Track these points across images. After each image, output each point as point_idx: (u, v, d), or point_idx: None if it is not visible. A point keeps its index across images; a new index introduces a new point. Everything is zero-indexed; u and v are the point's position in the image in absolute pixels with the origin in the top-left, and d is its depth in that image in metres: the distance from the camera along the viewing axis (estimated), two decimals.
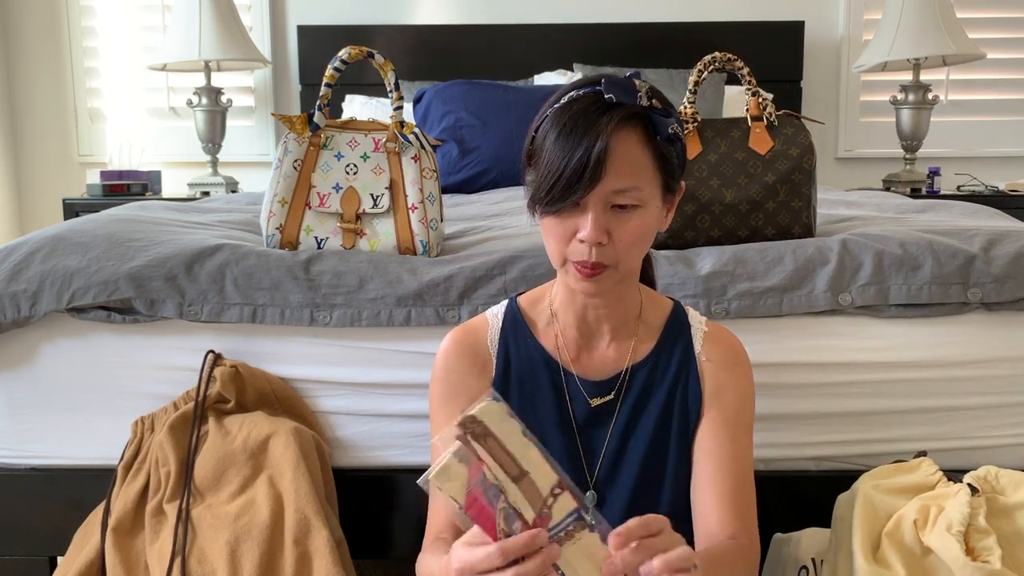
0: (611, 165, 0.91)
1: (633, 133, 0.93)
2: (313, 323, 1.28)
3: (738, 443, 1.03)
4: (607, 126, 0.91)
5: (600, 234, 0.93)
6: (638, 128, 0.94)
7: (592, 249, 0.93)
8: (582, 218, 0.93)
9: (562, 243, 0.96)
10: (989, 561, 1.01)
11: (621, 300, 1.04)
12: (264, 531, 1.14)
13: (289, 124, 1.42)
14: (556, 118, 0.95)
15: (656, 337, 1.07)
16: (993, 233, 1.37)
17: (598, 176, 0.91)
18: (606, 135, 0.91)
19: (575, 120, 0.93)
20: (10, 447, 1.34)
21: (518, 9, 3.33)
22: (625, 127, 0.93)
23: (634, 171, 0.93)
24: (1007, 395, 1.31)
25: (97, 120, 3.42)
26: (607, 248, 0.94)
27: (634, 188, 0.93)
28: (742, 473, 1.02)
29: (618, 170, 0.92)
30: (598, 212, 0.93)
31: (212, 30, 2.96)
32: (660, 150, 0.95)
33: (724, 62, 1.48)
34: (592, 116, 0.92)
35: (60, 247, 1.34)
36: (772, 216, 1.45)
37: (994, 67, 3.28)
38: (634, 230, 0.95)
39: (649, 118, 0.94)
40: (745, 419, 1.05)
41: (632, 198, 0.94)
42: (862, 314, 1.30)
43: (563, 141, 0.92)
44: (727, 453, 1.02)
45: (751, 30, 3.22)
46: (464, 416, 0.72)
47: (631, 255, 0.97)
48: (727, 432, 1.03)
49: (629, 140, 0.93)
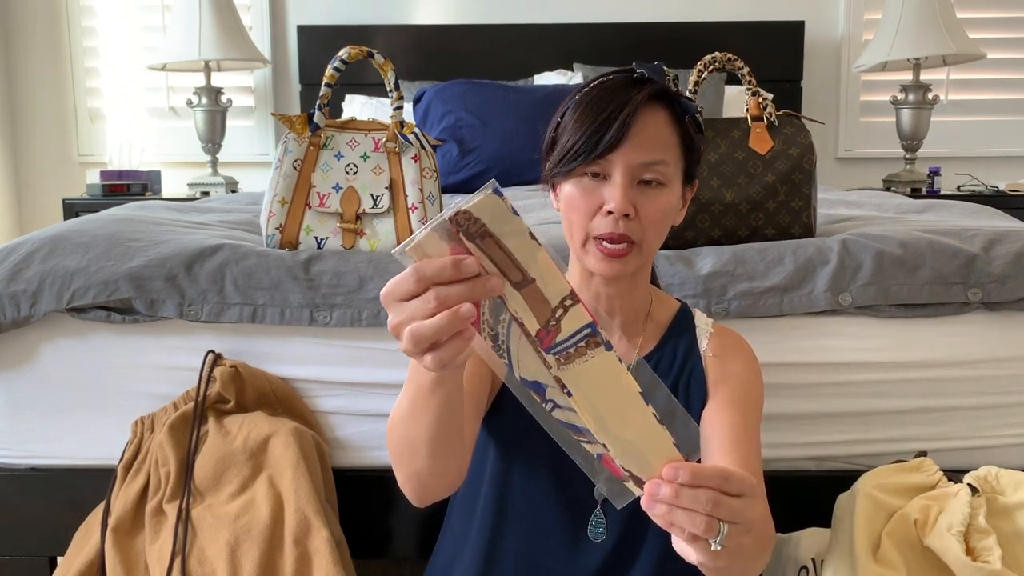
0: (638, 134, 0.93)
1: (661, 111, 0.96)
2: (313, 323, 1.28)
3: (748, 418, 1.00)
4: (636, 96, 0.94)
5: (628, 205, 0.94)
6: (666, 107, 0.97)
7: (619, 221, 0.94)
8: (609, 191, 0.94)
9: (586, 218, 0.96)
10: (989, 561, 1.01)
11: (633, 292, 1.04)
12: (264, 531, 1.14)
13: (289, 124, 1.42)
14: (584, 96, 0.97)
15: (661, 334, 1.07)
16: (993, 233, 1.37)
17: (623, 135, 0.92)
18: (635, 103, 0.93)
19: (605, 92, 0.96)
20: (10, 447, 1.34)
21: (518, 9, 3.33)
22: (654, 103, 0.95)
23: (661, 146, 0.95)
24: (1007, 395, 1.30)
25: (97, 120, 3.42)
26: (633, 222, 0.95)
27: (660, 162, 0.95)
28: (753, 446, 0.99)
29: (645, 142, 0.94)
30: (626, 182, 0.94)
31: (212, 30, 2.96)
32: (686, 132, 0.98)
33: (724, 62, 1.48)
34: (622, 89, 0.95)
35: (60, 247, 1.34)
36: (772, 216, 1.45)
37: (994, 67, 3.28)
38: (660, 207, 0.96)
39: (677, 99, 0.97)
40: (755, 399, 1.03)
41: (658, 173, 0.95)
42: (862, 314, 1.29)
43: (592, 109, 0.95)
44: (738, 425, 0.99)
45: (751, 30, 3.22)
46: (457, 211, 0.58)
47: (655, 235, 0.98)
48: (736, 408, 1.01)
49: (657, 116, 0.96)
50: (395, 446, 0.88)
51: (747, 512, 0.63)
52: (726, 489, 0.62)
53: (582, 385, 0.62)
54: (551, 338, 0.61)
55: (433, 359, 0.61)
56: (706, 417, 1.02)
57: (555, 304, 0.61)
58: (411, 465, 0.87)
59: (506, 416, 1.03)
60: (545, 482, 1.02)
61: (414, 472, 0.87)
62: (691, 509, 0.62)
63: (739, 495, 0.63)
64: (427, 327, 0.59)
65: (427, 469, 0.86)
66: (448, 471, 0.88)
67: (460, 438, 0.85)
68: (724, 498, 0.62)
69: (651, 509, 0.63)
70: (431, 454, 0.84)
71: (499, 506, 1.04)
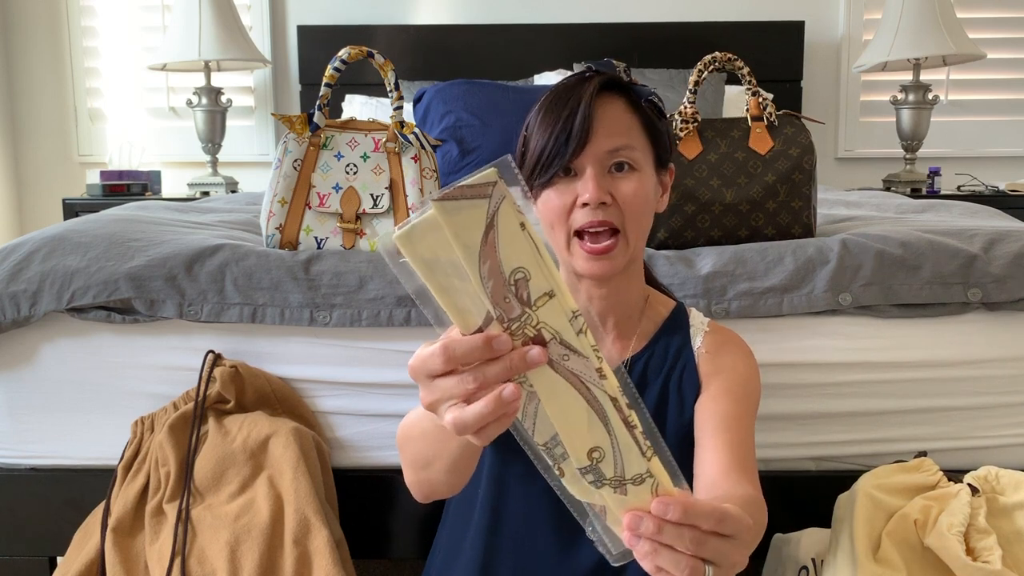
0: (600, 126, 0.95)
1: (618, 99, 0.98)
2: (313, 323, 1.28)
3: (741, 407, 0.98)
4: (588, 90, 0.96)
5: (602, 192, 0.95)
6: (621, 96, 0.99)
7: (597, 210, 0.95)
8: (581, 184, 0.96)
9: (564, 216, 0.97)
10: (989, 561, 1.01)
11: (625, 292, 1.04)
12: (264, 531, 1.14)
13: (289, 124, 1.42)
14: (542, 104, 0.99)
15: (654, 333, 1.07)
16: (993, 233, 1.37)
17: (587, 133, 0.94)
18: (589, 96, 0.95)
19: (559, 94, 0.98)
20: (10, 447, 1.34)
21: (518, 9, 3.33)
22: (608, 94, 0.98)
23: (623, 131, 0.97)
24: (1007, 395, 1.30)
25: (97, 120, 3.42)
26: (612, 208, 0.96)
27: (626, 147, 0.97)
28: (744, 434, 0.96)
29: (607, 130, 0.96)
30: (597, 172, 0.96)
31: (212, 30, 2.96)
32: (647, 117, 1.00)
33: (724, 62, 1.48)
34: (575, 87, 0.97)
35: (60, 247, 1.34)
36: (772, 216, 1.45)
37: (994, 67, 3.28)
38: (635, 190, 0.97)
39: (630, 86, 1.00)
40: (750, 392, 1.02)
41: (626, 156, 0.97)
42: (862, 314, 1.29)
43: (550, 113, 0.97)
44: (730, 414, 0.97)
45: (751, 30, 3.22)
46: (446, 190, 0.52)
47: (635, 222, 0.98)
48: (730, 397, 0.99)
49: (614, 104, 0.98)
50: (408, 456, 0.88)
51: (734, 555, 0.57)
52: (720, 530, 0.56)
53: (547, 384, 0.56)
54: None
55: (477, 439, 0.58)
56: (698, 406, 1.01)
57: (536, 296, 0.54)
58: (423, 474, 0.88)
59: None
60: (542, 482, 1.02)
61: (425, 479, 0.88)
62: (671, 547, 0.56)
63: (731, 536, 0.57)
64: (470, 416, 0.55)
65: (441, 481, 0.87)
66: (461, 481, 0.89)
67: (478, 458, 0.86)
68: (710, 538, 0.56)
69: (633, 546, 0.57)
70: (448, 472, 0.85)
71: (496, 505, 1.04)
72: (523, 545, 1.04)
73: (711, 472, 0.91)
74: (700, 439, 0.98)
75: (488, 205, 0.53)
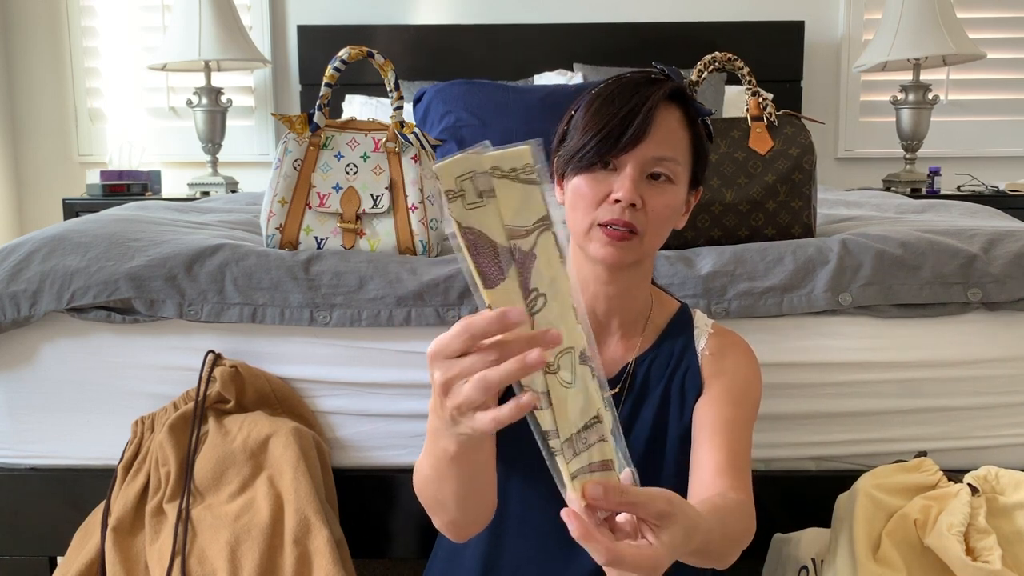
0: (655, 131, 0.95)
1: (676, 110, 0.98)
2: (313, 323, 1.28)
3: (740, 412, 1.00)
4: (656, 93, 0.95)
5: (635, 195, 0.95)
6: (680, 107, 0.98)
7: (626, 210, 0.95)
8: (617, 180, 0.95)
9: (592, 206, 0.97)
10: (989, 561, 1.01)
11: (632, 293, 1.04)
12: (264, 531, 1.14)
13: (289, 124, 1.42)
14: (601, 92, 0.98)
15: (659, 334, 1.07)
16: (993, 233, 1.37)
17: (643, 133, 0.94)
18: (655, 99, 0.95)
19: (623, 88, 0.97)
20: (10, 447, 1.34)
21: (518, 9, 3.33)
22: (670, 103, 0.97)
23: (673, 144, 0.97)
24: (1007, 395, 1.30)
25: (97, 120, 3.42)
26: (639, 213, 0.96)
27: (671, 159, 0.96)
28: (742, 438, 0.98)
29: (660, 138, 0.95)
30: (636, 173, 0.95)
31: (212, 30, 2.96)
32: (697, 135, 1.00)
33: (724, 62, 1.48)
34: (641, 86, 0.96)
35: (60, 247, 1.34)
36: (772, 216, 1.45)
37: (994, 67, 3.28)
38: (666, 202, 0.97)
39: (692, 101, 0.99)
40: (750, 396, 1.03)
41: (668, 169, 0.96)
42: (862, 314, 1.29)
43: (610, 104, 0.96)
44: (729, 418, 0.98)
45: (751, 30, 3.22)
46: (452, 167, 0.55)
47: (656, 231, 0.98)
48: (730, 401, 1.01)
49: (672, 115, 0.97)
50: (426, 502, 0.89)
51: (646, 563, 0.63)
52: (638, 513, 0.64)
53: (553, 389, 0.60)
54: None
55: (492, 420, 0.61)
56: (698, 407, 1.02)
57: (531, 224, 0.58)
58: (445, 517, 0.88)
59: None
60: (543, 486, 1.02)
61: (449, 522, 0.89)
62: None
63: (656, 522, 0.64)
64: (496, 374, 0.58)
65: (460, 519, 0.88)
66: (481, 516, 0.90)
67: (491, 489, 0.87)
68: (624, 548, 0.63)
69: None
70: (461, 510, 0.85)
71: (498, 509, 1.04)
72: (525, 548, 1.04)
73: (705, 473, 0.93)
74: (697, 440, 0.99)
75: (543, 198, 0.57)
